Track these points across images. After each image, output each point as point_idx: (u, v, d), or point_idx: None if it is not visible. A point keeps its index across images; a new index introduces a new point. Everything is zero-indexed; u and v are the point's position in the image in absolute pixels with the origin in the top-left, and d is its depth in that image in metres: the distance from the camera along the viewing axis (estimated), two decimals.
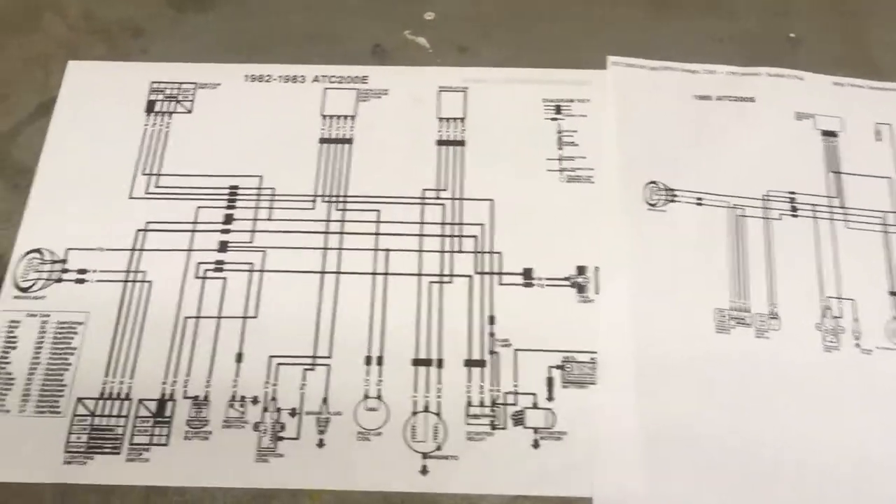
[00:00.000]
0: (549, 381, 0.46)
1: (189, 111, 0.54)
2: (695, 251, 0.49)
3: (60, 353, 0.46)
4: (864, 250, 0.50)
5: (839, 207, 0.51)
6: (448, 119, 0.54)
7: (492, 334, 0.47)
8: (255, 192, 0.51)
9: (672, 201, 0.51)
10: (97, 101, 0.55)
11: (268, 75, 0.56)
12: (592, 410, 0.45)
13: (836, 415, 0.46)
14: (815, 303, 0.48)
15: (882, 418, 0.45)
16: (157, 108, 0.54)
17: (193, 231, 0.50)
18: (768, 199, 0.51)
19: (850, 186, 0.52)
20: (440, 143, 0.53)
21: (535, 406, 0.45)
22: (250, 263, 0.49)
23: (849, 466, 0.44)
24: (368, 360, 0.46)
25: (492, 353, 0.47)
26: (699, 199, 0.51)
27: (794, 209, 0.51)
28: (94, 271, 0.49)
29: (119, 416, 0.45)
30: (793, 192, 0.51)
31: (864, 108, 0.54)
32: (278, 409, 0.45)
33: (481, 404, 0.45)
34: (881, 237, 0.50)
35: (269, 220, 0.50)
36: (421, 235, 0.50)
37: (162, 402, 0.45)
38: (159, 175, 0.52)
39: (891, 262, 0.49)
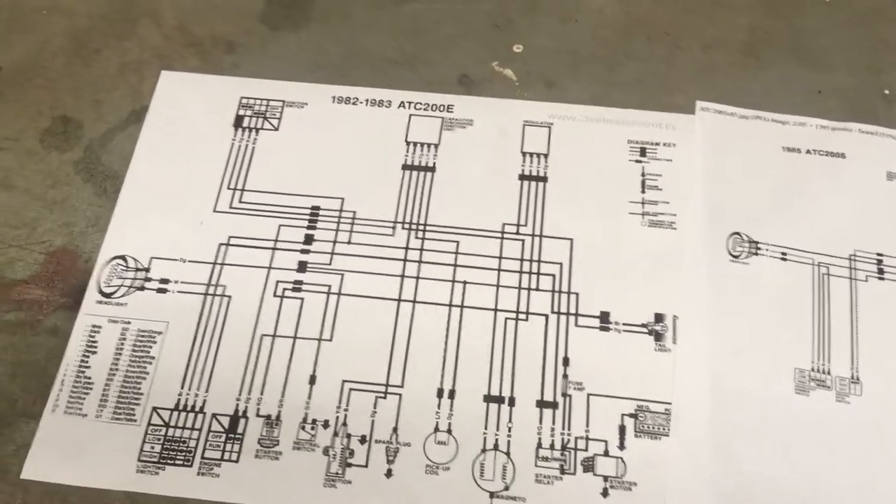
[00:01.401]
0: (622, 429, 0.45)
1: (276, 128, 0.55)
2: (777, 307, 0.49)
3: (139, 361, 0.47)
4: None
5: None
6: (531, 154, 0.54)
7: (565, 376, 0.47)
8: (336, 213, 0.51)
9: (755, 254, 0.50)
10: (187, 112, 0.55)
11: (355, 98, 0.56)
12: (664, 462, 0.45)
13: None
14: None
15: None
16: (245, 123, 0.55)
17: (274, 248, 0.50)
18: (855, 259, 0.50)
19: None
20: (522, 177, 0.53)
21: (606, 453, 0.45)
22: (328, 285, 0.49)
23: None
24: (440, 393, 0.46)
25: (564, 395, 0.46)
26: (784, 253, 0.50)
27: (882, 271, 0.49)
28: (176, 282, 0.49)
29: (193, 428, 0.45)
30: (881, 254, 0.50)
31: None
32: (348, 435, 0.45)
33: (551, 447, 0.45)
34: None
35: (348, 243, 0.51)
36: (499, 270, 0.50)
37: (235, 419, 0.45)
38: (244, 190, 0.52)
39: None
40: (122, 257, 0.50)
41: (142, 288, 0.49)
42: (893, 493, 0.44)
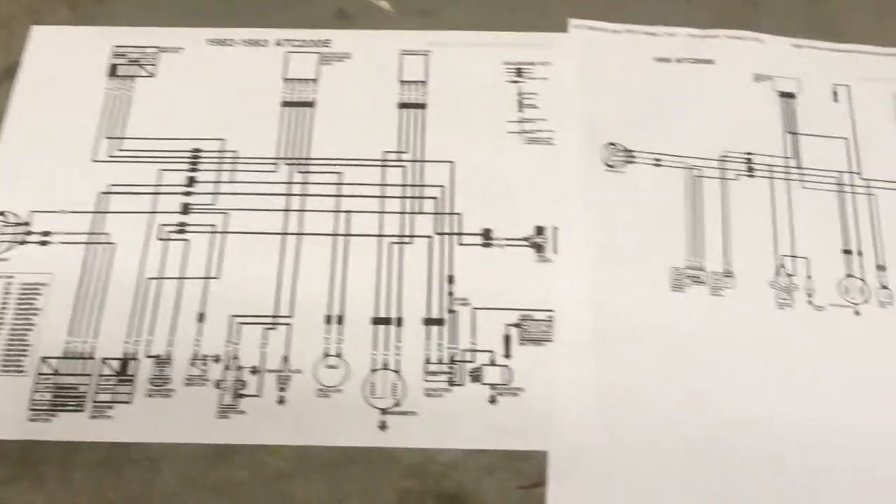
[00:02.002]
0: (507, 339, 0.47)
1: (152, 75, 0.54)
2: (652, 211, 0.50)
3: (24, 314, 0.47)
4: (818, 210, 0.50)
5: (795, 168, 0.52)
6: (410, 82, 0.54)
7: (450, 293, 0.48)
8: (217, 154, 0.51)
9: (630, 162, 0.51)
10: (60, 66, 0.55)
11: (231, 39, 0.56)
12: (549, 367, 0.46)
13: (788, 371, 0.46)
14: (770, 261, 0.49)
15: (833, 374, 0.46)
16: (120, 72, 0.54)
17: (156, 194, 0.50)
18: (725, 160, 0.52)
19: (806, 147, 0.52)
20: (402, 105, 0.53)
21: (492, 363, 0.46)
22: (212, 225, 0.49)
23: (801, 421, 0.45)
24: (329, 320, 0.47)
25: (450, 311, 0.47)
26: (657, 160, 0.51)
27: (751, 170, 0.51)
28: (58, 233, 0.49)
29: (82, 374, 0.45)
30: (749, 153, 0.52)
31: (823, 70, 0.55)
32: (239, 368, 0.46)
33: (440, 361, 0.46)
34: (836, 197, 0.51)
35: (231, 182, 0.51)
36: (382, 197, 0.51)
37: (125, 361, 0.46)
38: (122, 139, 0.52)
39: (845, 220, 0.50)
40: (2, 213, 0.49)
41: (23, 242, 0.48)
42: (761, 377, 0.45)
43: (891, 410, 0.46)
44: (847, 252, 0.49)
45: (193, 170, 0.51)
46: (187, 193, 0.51)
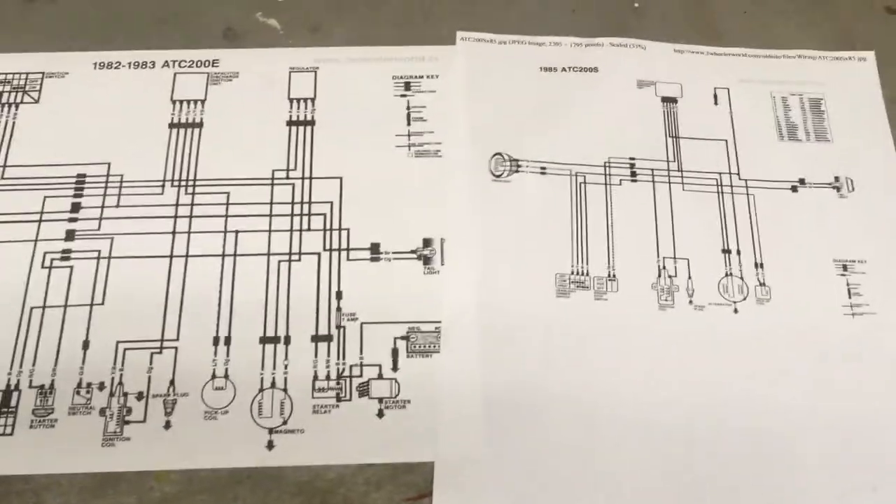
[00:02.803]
0: (395, 352, 0.47)
1: (36, 101, 0.54)
2: (538, 219, 0.51)
3: None
4: (699, 211, 0.52)
5: (677, 171, 0.53)
6: (298, 99, 0.54)
7: (339, 309, 0.48)
8: (102, 179, 0.51)
9: (517, 171, 0.52)
10: None
11: (117, 62, 0.56)
12: (435, 378, 0.46)
13: (670, 370, 0.47)
14: (652, 263, 0.50)
15: (715, 371, 0.47)
16: (3, 99, 0.54)
17: (40, 221, 0.50)
18: (609, 166, 0.53)
19: (688, 150, 0.54)
20: (290, 123, 0.53)
21: (380, 376, 0.47)
22: (97, 251, 0.49)
23: (685, 418, 0.46)
24: (216, 341, 0.47)
25: (339, 327, 0.48)
26: (543, 168, 0.52)
27: (634, 174, 0.52)
28: None
29: None
30: (633, 158, 0.53)
31: (704, 74, 0.56)
32: (125, 394, 0.46)
33: (327, 377, 0.47)
34: (716, 198, 0.52)
35: (117, 206, 0.51)
36: (270, 216, 0.51)
37: (6, 392, 0.45)
38: (5, 167, 0.51)
39: (724, 221, 0.51)
40: None
41: None
42: (644, 378, 0.46)
43: (769, 403, 0.46)
44: (726, 251, 0.50)
45: (78, 195, 0.51)
46: (72, 220, 0.50)
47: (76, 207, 0.50)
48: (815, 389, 0.47)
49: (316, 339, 0.47)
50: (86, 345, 0.47)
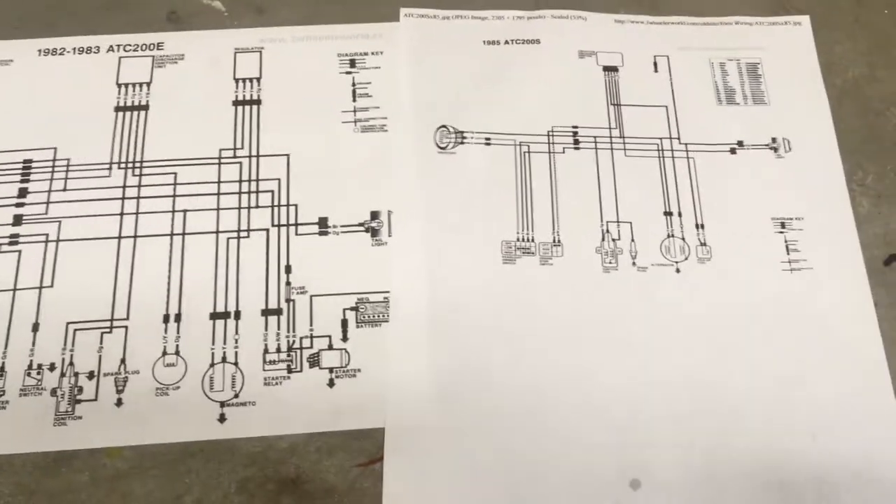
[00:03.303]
0: (344, 323, 0.48)
1: None
2: (483, 189, 0.52)
3: None
4: (641, 176, 0.53)
5: (619, 137, 0.54)
6: (244, 79, 0.55)
7: (288, 283, 0.49)
8: (49, 163, 0.51)
9: (462, 143, 0.53)
10: None
11: (62, 48, 0.56)
12: (385, 347, 0.47)
13: (615, 330, 0.49)
14: (596, 228, 0.51)
15: (658, 329, 0.49)
16: None
17: None
18: (553, 135, 0.53)
19: (629, 117, 0.55)
20: (236, 103, 0.54)
21: (330, 347, 0.47)
22: (45, 234, 0.49)
23: (631, 377, 0.48)
24: (166, 319, 0.47)
25: (288, 300, 0.48)
26: (487, 139, 0.53)
27: (577, 142, 0.53)
28: None
29: None
30: (576, 127, 0.54)
31: (644, 43, 0.57)
32: (76, 374, 0.46)
33: (278, 350, 0.47)
34: (657, 162, 0.53)
35: (64, 190, 0.51)
36: (218, 194, 0.51)
37: None
38: None
39: (665, 184, 0.52)
40: None
41: None
42: (590, 339, 0.48)
43: (710, 358, 0.48)
44: (668, 214, 0.52)
45: (25, 180, 0.51)
46: (19, 205, 0.50)
47: (23, 192, 0.51)
48: (754, 343, 0.48)
49: (266, 312, 0.48)
50: (35, 327, 0.47)
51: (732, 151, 0.53)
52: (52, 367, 0.46)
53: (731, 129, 0.54)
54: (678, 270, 0.50)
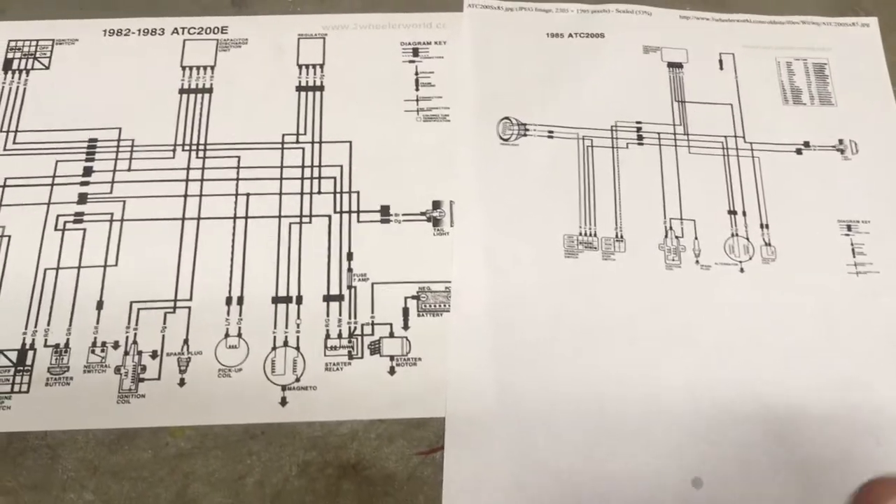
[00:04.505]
0: (405, 311, 0.48)
1: (47, 67, 0.54)
2: (546, 182, 0.51)
3: None
4: (705, 173, 0.52)
5: (683, 134, 0.53)
6: (307, 65, 0.55)
7: (350, 270, 0.49)
8: (114, 143, 0.52)
9: (524, 135, 0.53)
10: None
11: (127, 29, 0.56)
12: (446, 336, 0.47)
13: (677, 328, 0.48)
14: (659, 224, 0.51)
15: (721, 329, 0.48)
16: (14, 66, 0.54)
17: (52, 185, 0.50)
18: (616, 130, 0.53)
19: (693, 114, 0.54)
20: (299, 88, 0.54)
21: (391, 335, 0.47)
22: (110, 214, 0.50)
23: (693, 376, 0.47)
24: (229, 301, 0.48)
25: (350, 287, 0.48)
26: (550, 132, 0.53)
27: (641, 138, 0.53)
28: None
29: None
30: (639, 122, 0.53)
31: (709, 40, 0.57)
32: (139, 353, 0.46)
33: (339, 336, 0.47)
34: (721, 160, 0.52)
35: (128, 170, 0.51)
36: (281, 179, 0.51)
37: (23, 352, 0.46)
38: (17, 132, 0.52)
39: (730, 183, 0.52)
40: None
41: None
42: (651, 336, 0.47)
43: (773, 361, 0.47)
44: (732, 213, 0.51)
45: (90, 160, 0.51)
46: (84, 183, 0.51)
47: (88, 171, 0.51)
48: (818, 347, 0.47)
49: (328, 298, 0.48)
50: (100, 305, 0.47)
51: (798, 152, 0.53)
52: (115, 346, 0.46)
53: (798, 129, 0.54)
54: (742, 270, 0.49)
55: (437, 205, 0.51)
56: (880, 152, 0.53)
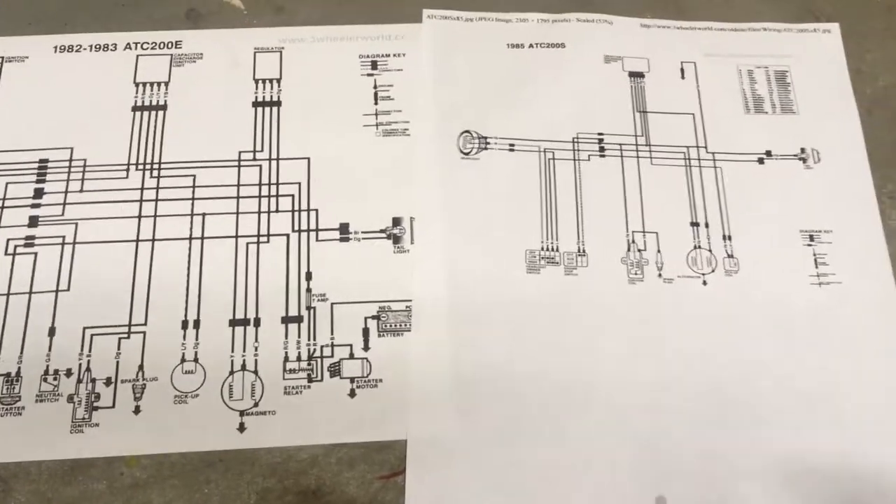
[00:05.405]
0: (366, 332, 0.47)
1: None
2: (507, 196, 0.51)
3: None
4: (667, 185, 0.52)
5: (645, 145, 0.53)
6: (264, 80, 0.54)
7: (309, 290, 0.48)
8: (65, 164, 0.50)
9: (485, 149, 0.52)
10: None
11: (78, 45, 0.55)
12: (407, 357, 0.46)
13: (642, 343, 0.48)
14: (622, 238, 0.50)
15: (684, 342, 0.48)
16: None
17: (2, 207, 0.49)
18: (578, 141, 0.52)
19: (655, 124, 0.54)
20: (256, 104, 0.53)
21: (351, 356, 0.46)
22: (62, 236, 0.48)
23: (655, 390, 0.47)
24: (185, 325, 0.47)
25: (309, 308, 0.47)
26: (511, 145, 0.52)
27: (602, 149, 0.52)
28: None
29: None
30: (601, 133, 0.53)
31: (670, 49, 0.56)
32: (93, 380, 0.45)
33: (298, 359, 0.46)
34: (683, 171, 0.52)
35: (81, 191, 0.50)
36: (237, 198, 0.50)
37: None
38: None
39: (692, 194, 0.51)
40: None
41: None
42: (619, 353, 0.46)
43: (736, 372, 0.47)
44: (695, 224, 0.51)
45: (41, 181, 0.50)
46: (35, 206, 0.49)
47: (39, 193, 0.50)
48: (781, 357, 0.47)
49: (286, 320, 0.47)
50: (52, 331, 0.46)
51: (760, 161, 0.53)
52: (68, 373, 0.45)
53: (760, 138, 0.53)
54: (705, 283, 0.49)
55: (396, 222, 0.50)
56: (842, 160, 0.53)
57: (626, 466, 0.44)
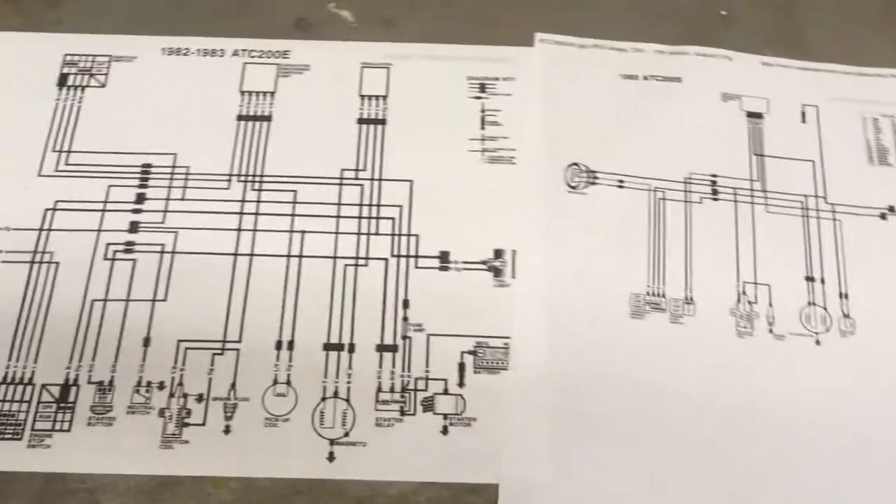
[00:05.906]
0: (461, 367, 0.46)
1: (103, 85, 0.53)
2: (614, 235, 0.49)
3: None
4: (782, 235, 0.49)
5: (760, 191, 0.50)
6: (370, 96, 0.53)
7: (405, 318, 0.47)
8: (168, 170, 0.50)
9: (593, 184, 0.50)
10: (8, 74, 0.53)
11: (186, 48, 0.54)
12: (502, 396, 0.45)
13: (747, 400, 0.46)
14: (731, 288, 0.48)
15: (793, 404, 0.45)
16: (69, 81, 0.53)
17: (104, 210, 0.49)
18: (690, 182, 0.50)
19: (772, 169, 0.51)
20: (361, 121, 0.52)
21: (445, 392, 0.45)
22: (161, 244, 0.48)
23: (761, 453, 0.44)
24: (279, 345, 0.46)
25: (404, 337, 0.46)
26: (621, 181, 0.50)
27: (715, 192, 0.50)
28: (0, 252, 0.47)
29: (21, 401, 0.44)
30: (715, 175, 0.51)
31: (792, 89, 0.54)
32: (185, 395, 0.44)
33: (391, 390, 0.45)
34: (800, 222, 0.50)
35: (182, 199, 0.49)
36: (338, 217, 0.49)
37: (66, 387, 0.44)
38: (70, 152, 0.50)
39: (809, 247, 0.49)
40: None
41: None
42: (719, 406, 0.45)
43: (852, 443, 0.44)
44: (810, 279, 0.48)
45: (143, 186, 0.50)
46: (136, 211, 0.49)
47: (141, 199, 0.49)
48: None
49: (381, 348, 0.46)
50: (146, 342, 0.45)
51: (883, 217, 0.50)
52: (161, 386, 0.44)
53: (883, 191, 0.51)
54: (818, 342, 0.47)
55: (498, 254, 0.48)
56: None
57: None
